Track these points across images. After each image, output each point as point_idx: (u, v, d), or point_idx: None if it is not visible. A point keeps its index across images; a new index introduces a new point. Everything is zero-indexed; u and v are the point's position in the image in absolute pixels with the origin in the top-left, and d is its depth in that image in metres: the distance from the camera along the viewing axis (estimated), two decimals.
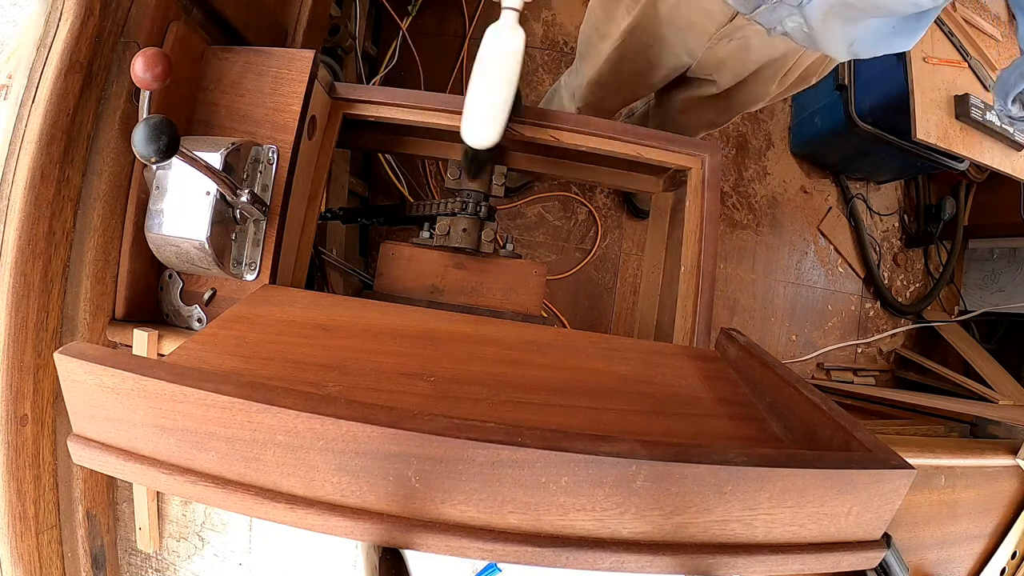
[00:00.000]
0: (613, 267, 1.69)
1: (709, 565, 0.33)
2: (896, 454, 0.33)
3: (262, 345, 0.46)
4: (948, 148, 1.25)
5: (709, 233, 0.70)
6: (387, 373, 0.44)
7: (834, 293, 1.87)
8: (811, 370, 1.82)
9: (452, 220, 0.75)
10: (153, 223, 0.54)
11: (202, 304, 0.60)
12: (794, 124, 1.88)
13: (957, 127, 1.27)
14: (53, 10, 0.49)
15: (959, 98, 1.26)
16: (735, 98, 0.99)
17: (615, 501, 0.31)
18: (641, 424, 0.43)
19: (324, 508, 0.32)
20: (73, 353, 0.32)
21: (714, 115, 1.10)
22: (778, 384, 0.45)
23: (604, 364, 0.52)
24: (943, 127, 1.25)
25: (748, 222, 1.80)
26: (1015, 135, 1.28)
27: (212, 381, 0.31)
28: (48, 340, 0.52)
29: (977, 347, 1.76)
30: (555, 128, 0.71)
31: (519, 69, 0.62)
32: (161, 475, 0.33)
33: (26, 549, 0.52)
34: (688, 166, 0.74)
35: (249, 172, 0.59)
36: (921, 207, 1.93)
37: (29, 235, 0.48)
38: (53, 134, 0.49)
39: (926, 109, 1.25)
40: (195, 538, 0.59)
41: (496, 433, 0.30)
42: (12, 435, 0.49)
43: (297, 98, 0.61)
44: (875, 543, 0.35)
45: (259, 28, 0.75)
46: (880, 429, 0.91)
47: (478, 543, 0.32)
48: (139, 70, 0.42)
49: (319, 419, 0.30)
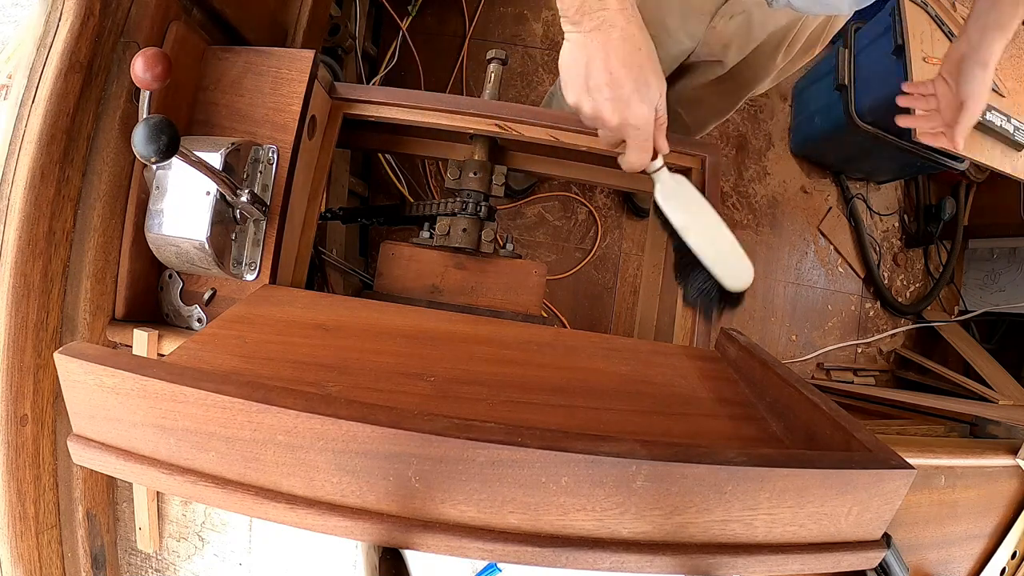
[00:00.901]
0: (613, 267, 1.69)
1: (709, 565, 0.33)
2: (896, 454, 0.33)
3: (262, 345, 0.46)
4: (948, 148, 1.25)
5: None
6: (387, 373, 0.44)
7: (834, 293, 1.87)
8: (811, 370, 1.82)
9: (452, 220, 0.75)
10: (153, 223, 0.54)
11: (202, 304, 0.60)
12: (794, 124, 1.88)
13: None
14: (53, 10, 0.49)
15: None
16: (740, 77, 0.97)
17: (615, 501, 0.31)
18: (641, 424, 0.43)
19: (324, 508, 0.32)
20: (73, 353, 0.32)
21: (721, 101, 1.08)
22: (778, 384, 0.45)
23: (604, 364, 0.52)
24: None
25: (748, 222, 1.80)
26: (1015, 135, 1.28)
27: (212, 381, 0.31)
28: (48, 340, 0.52)
29: (977, 347, 1.76)
30: (555, 128, 0.71)
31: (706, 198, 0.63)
32: (161, 475, 0.33)
33: (26, 549, 0.52)
34: (688, 166, 0.74)
35: (249, 172, 0.59)
36: (921, 207, 1.92)
37: (29, 235, 0.48)
38: (53, 134, 0.49)
39: None
40: (195, 538, 0.59)
41: (496, 433, 0.30)
42: (12, 435, 0.49)
43: (297, 98, 0.61)
44: (875, 543, 0.35)
45: (259, 28, 0.75)
46: (880, 429, 0.91)
47: (478, 543, 0.32)
48: (139, 70, 0.42)
49: (319, 419, 0.30)
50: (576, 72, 0.52)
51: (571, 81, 0.53)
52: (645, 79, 0.51)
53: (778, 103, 1.90)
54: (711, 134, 1.83)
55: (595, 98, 0.52)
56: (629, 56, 0.50)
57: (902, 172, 1.85)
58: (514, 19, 1.71)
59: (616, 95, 0.51)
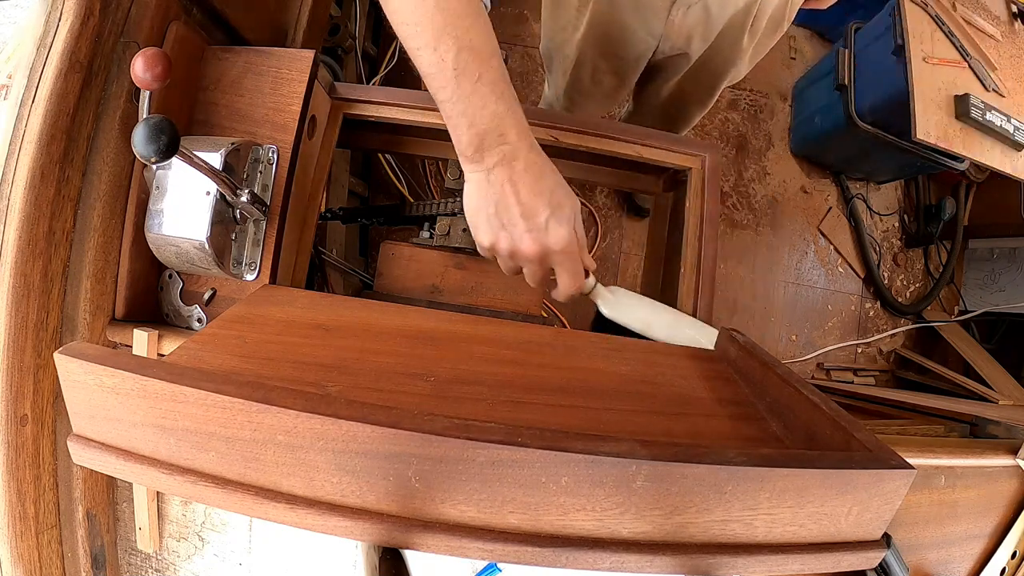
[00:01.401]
0: (613, 267, 1.69)
1: (709, 565, 0.33)
2: (896, 454, 0.33)
3: (262, 345, 0.46)
4: (948, 148, 1.25)
5: (709, 233, 0.70)
6: (387, 373, 0.44)
7: (834, 293, 1.87)
8: (811, 370, 1.82)
9: (452, 220, 0.75)
10: (153, 223, 0.54)
11: (202, 304, 0.60)
12: (794, 124, 1.88)
13: (957, 127, 1.26)
14: (53, 10, 0.49)
15: (959, 98, 1.26)
16: (711, 65, 0.96)
17: (615, 501, 0.31)
18: (641, 424, 0.43)
19: (324, 508, 0.32)
20: (73, 353, 0.32)
21: (698, 92, 1.07)
22: (778, 384, 0.45)
23: (604, 364, 0.52)
24: (943, 127, 1.25)
25: (748, 222, 1.80)
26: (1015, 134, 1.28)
27: (212, 381, 0.31)
28: (48, 340, 0.52)
29: (977, 347, 1.76)
30: (555, 128, 0.71)
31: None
32: (161, 475, 0.33)
33: (26, 549, 0.52)
34: (688, 166, 0.74)
35: (249, 172, 0.59)
36: (921, 207, 1.93)
37: (29, 235, 0.48)
38: (53, 134, 0.49)
39: (926, 109, 1.24)
40: (195, 538, 0.59)
41: (496, 433, 0.30)
42: (12, 435, 0.49)
43: (297, 98, 0.61)
44: (875, 543, 0.35)
45: (259, 28, 0.75)
46: (880, 429, 0.90)
47: (478, 543, 0.32)
48: (139, 70, 0.42)
49: (319, 419, 0.30)
50: (486, 213, 0.51)
51: (482, 223, 0.52)
52: (558, 202, 0.50)
53: (778, 103, 1.90)
54: (710, 134, 1.83)
55: (511, 234, 0.51)
56: (536, 183, 0.49)
57: (902, 172, 1.85)
58: (514, 19, 1.71)
59: (533, 225, 0.50)
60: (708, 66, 0.97)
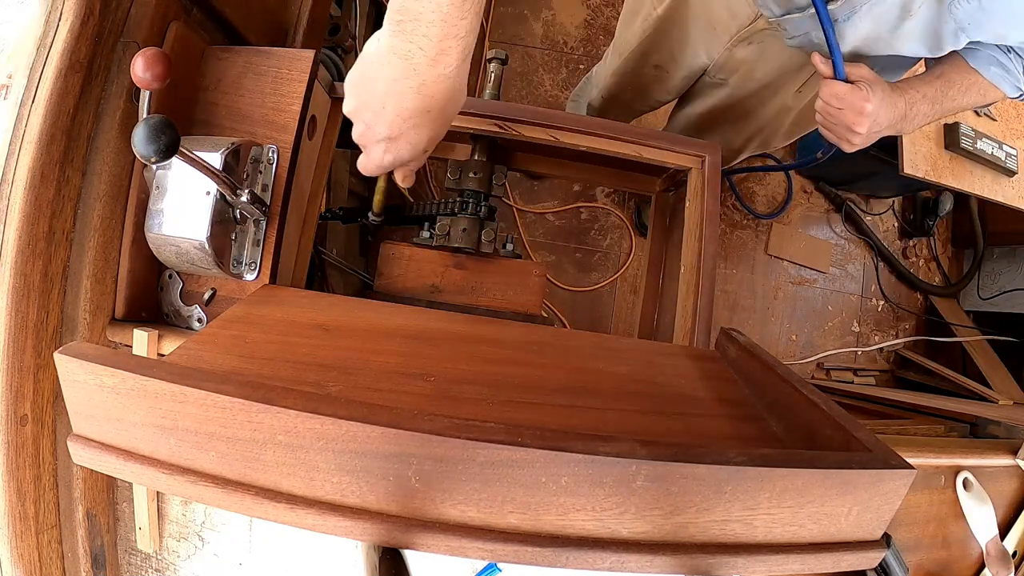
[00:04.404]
0: (613, 267, 1.69)
1: (709, 565, 0.33)
2: (896, 454, 0.33)
3: (262, 345, 0.46)
4: (937, 181, 1.22)
5: (709, 233, 0.70)
6: (387, 373, 0.44)
7: (834, 293, 1.87)
8: (811, 370, 1.82)
9: (452, 220, 0.75)
10: (153, 223, 0.54)
11: (202, 304, 0.60)
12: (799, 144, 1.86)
13: (947, 157, 1.24)
14: (53, 10, 0.49)
15: (949, 127, 1.23)
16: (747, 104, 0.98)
17: (615, 501, 0.31)
18: (641, 424, 0.43)
19: (324, 508, 0.32)
20: (73, 353, 0.32)
21: (728, 130, 1.08)
22: (778, 384, 0.45)
23: (604, 364, 0.52)
24: (932, 159, 1.22)
25: (748, 222, 1.80)
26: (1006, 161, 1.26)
27: (212, 381, 0.31)
28: (48, 340, 0.52)
29: (979, 346, 1.77)
30: (555, 128, 0.71)
31: None
32: (161, 475, 0.33)
33: (26, 549, 0.52)
34: (688, 166, 0.74)
35: (249, 172, 0.59)
36: (919, 200, 1.93)
37: (29, 235, 0.48)
38: (53, 134, 0.49)
39: (914, 141, 1.22)
40: (195, 538, 0.59)
41: (496, 433, 0.30)
42: (12, 435, 0.49)
43: (297, 98, 0.61)
44: (875, 543, 0.35)
45: (259, 28, 0.75)
46: (880, 429, 0.91)
47: (478, 543, 0.32)
48: (139, 70, 0.42)
49: (319, 419, 0.30)
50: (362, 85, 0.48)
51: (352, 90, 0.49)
52: (407, 138, 0.49)
53: None
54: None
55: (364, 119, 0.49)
56: (411, 105, 0.46)
57: (907, 188, 1.85)
58: (514, 19, 1.71)
59: (372, 134, 0.49)
60: (744, 104, 0.98)
